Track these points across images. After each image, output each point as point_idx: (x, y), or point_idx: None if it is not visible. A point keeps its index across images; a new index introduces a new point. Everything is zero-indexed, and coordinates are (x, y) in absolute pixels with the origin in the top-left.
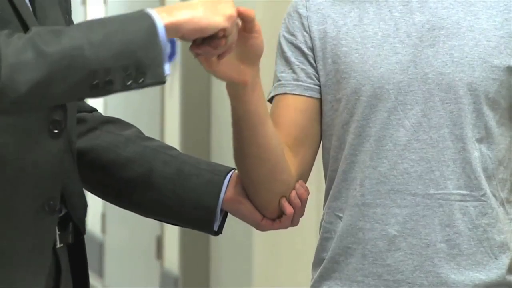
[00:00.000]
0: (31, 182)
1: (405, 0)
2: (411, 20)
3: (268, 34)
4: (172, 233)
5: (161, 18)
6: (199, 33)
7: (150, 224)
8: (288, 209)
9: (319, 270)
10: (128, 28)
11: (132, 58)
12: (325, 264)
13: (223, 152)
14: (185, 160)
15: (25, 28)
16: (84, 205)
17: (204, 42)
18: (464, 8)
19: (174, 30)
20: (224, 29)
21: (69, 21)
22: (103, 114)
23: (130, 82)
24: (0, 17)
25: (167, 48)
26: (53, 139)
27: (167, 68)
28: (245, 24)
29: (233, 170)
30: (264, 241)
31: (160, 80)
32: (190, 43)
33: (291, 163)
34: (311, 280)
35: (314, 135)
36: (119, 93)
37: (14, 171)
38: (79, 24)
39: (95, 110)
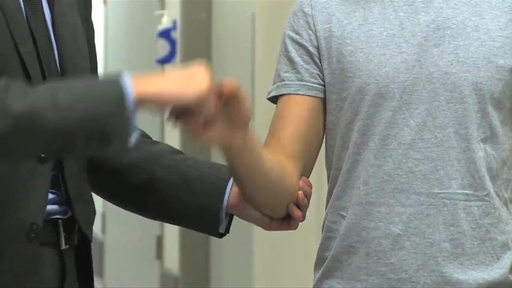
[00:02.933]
0: (17, 206)
1: (410, 0)
2: (416, 20)
3: (268, 33)
4: (172, 233)
5: (131, 88)
6: (167, 106)
7: (150, 224)
8: (297, 213)
9: (321, 269)
10: (96, 95)
11: (97, 127)
12: (328, 263)
13: None
14: (188, 164)
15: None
16: (91, 212)
17: (179, 116)
18: (469, 9)
19: (142, 102)
20: (193, 105)
21: (87, 27)
22: None
23: (92, 148)
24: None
25: (134, 118)
26: (40, 163)
27: (134, 137)
28: (229, 96)
29: None
30: (265, 240)
31: (124, 149)
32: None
33: (296, 162)
34: (314, 279)
35: (318, 132)
36: None
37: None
38: (50, 85)
39: None
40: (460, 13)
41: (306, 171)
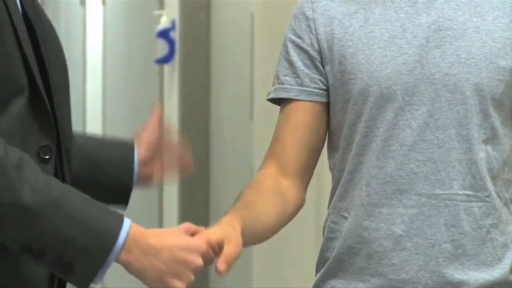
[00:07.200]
0: None
1: (411, 1)
2: (418, 21)
3: (267, 33)
4: None
5: (122, 248)
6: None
7: (148, 224)
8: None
9: (323, 269)
10: (91, 227)
11: (70, 255)
12: (329, 263)
13: (222, 153)
14: (94, 150)
15: (37, 94)
16: None
17: None
18: (470, 10)
19: (123, 264)
20: None
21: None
22: (100, 115)
23: (57, 269)
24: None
25: (107, 268)
26: (43, 164)
27: (99, 279)
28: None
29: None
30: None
31: (82, 286)
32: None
33: (297, 171)
34: (315, 279)
35: (320, 138)
36: (117, 96)
37: None
38: (61, 187)
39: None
40: (462, 14)
41: (307, 178)
